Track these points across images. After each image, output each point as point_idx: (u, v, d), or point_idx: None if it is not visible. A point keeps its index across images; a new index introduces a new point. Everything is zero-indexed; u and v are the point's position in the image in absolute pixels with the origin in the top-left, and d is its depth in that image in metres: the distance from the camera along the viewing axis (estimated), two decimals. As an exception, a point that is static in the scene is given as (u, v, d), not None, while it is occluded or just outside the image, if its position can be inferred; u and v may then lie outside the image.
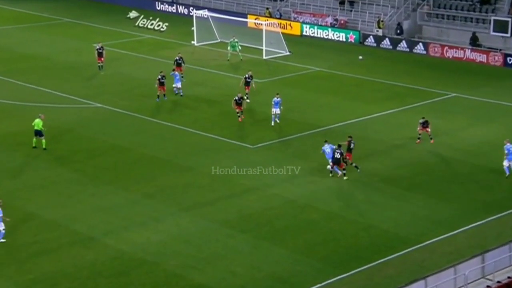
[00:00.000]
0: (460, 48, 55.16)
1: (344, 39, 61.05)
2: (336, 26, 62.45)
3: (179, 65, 48.02)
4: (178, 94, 45.04)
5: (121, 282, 25.20)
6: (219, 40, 59.41)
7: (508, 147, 33.38)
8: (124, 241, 27.90)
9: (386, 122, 41.40)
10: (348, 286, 25.02)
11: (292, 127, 40.09)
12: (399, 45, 58.14)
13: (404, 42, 58.01)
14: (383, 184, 33.06)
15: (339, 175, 33.45)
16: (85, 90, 47.15)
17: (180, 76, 46.39)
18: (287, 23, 63.81)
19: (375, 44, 59.46)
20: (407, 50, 57.69)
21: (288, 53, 56.48)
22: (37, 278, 25.39)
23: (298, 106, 44.03)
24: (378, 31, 60.00)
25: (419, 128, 37.34)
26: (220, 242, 27.88)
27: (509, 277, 23.02)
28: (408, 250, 27.15)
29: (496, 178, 33.37)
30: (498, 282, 22.71)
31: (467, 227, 28.93)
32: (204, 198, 31.61)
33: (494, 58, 53.33)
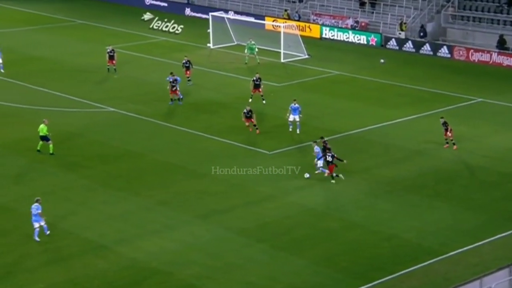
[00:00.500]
0: (486, 51, 54.87)
1: (365, 42, 60.93)
2: (357, 28, 62.35)
3: (187, 68, 48.25)
4: (180, 99, 44.89)
5: (133, 292, 25.28)
6: (235, 43, 59.49)
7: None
8: (137, 249, 27.94)
9: (409, 128, 41.24)
10: (369, 298, 24.94)
11: (310, 133, 39.95)
12: (423, 48, 57.94)
13: (427, 45, 57.81)
14: (405, 192, 32.90)
15: (326, 174, 33.70)
16: (97, 93, 47.35)
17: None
18: (306, 25, 63.78)
19: (397, 47, 59.30)
20: (431, 53, 57.48)
21: (307, 56, 56.45)
22: (48, 287, 25.44)
23: (317, 111, 43.96)
24: (400, 33, 59.82)
25: (445, 132, 37.22)
26: (237, 252, 27.85)
27: (537, 290, 22.82)
28: (432, 261, 26.97)
29: (524, 187, 33.18)
30: (526, 295, 22.54)
31: (493, 238, 28.70)
32: (220, 206, 31.61)
33: (522, 62, 53.10)
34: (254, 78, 44.79)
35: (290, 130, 39.95)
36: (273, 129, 40.78)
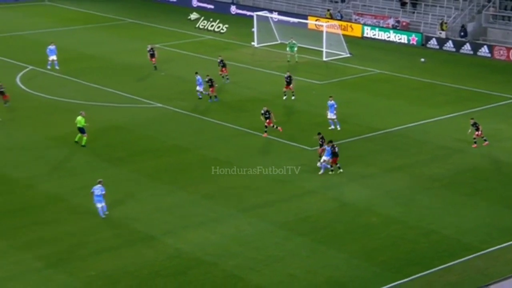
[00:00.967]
0: (526, 51, 54.09)
1: (406, 41, 60.43)
2: (398, 28, 61.87)
3: (223, 66, 48.46)
4: (203, 98, 45.12)
5: (179, 281, 25.50)
6: (279, 42, 59.51)
7: None
8: (183, 240, 28.22)
9: (448, 126, 40.82)
10: (407, 292, 24.81)
11: (351, 130, 39.87)
12: (463, 47, 57.26)
13: (468, 44, 57.12)
14: (444, 189, 32.62)
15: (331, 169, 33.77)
16: (146, 90, 47.82)
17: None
18: (348, 24, 63.50)
19: (438, 47, 58.70)
20: (471, 52, 56.78)
21: (348, 55, 56.21)
22: (98, 275, 25.89)
23: (358, 108, 43.80)
24: (441, 33, 59.19)
25: (474, 131, 36.76)
26: (278, 245, 27.93)
27: None
28: (470, 257, 26.73)
29: (562, 186, 32.63)
30: None
31: (531, 235, 28.36)
32: (263, 200, 31.73)
33: (562, 62, 52.18)
34: (285, 76, 44.79)
35: (331, 128, 39.79)
36: (314, 126, 40.62)
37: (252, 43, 59.92)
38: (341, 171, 33.90)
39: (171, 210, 30.92)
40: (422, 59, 54.90)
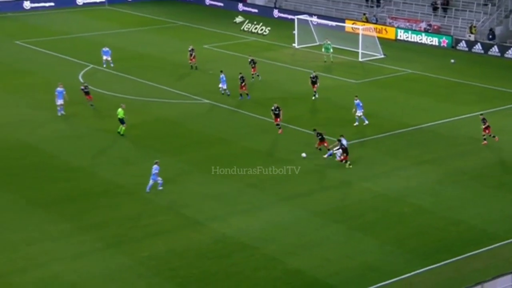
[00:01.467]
0: (551, 53, 52.95)
1: (437, 44, 59.68)
2: (429, 31, 61.12)
3: (254, 65, 48.47)
4: (225, 94, 45.03)
5: (224, 263, 25.63)
6: (318, 43, 59.23)
7: None
8: (227, 226, 28.34)
9: (476, 123, 40.09)
10: (436, 276, 24.54)
11: (384, 126, 39.55)
12: (491, 50, 56.31)
13: (496, 47, 56.15)
14: (472, 182, 32.20)
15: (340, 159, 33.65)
16: (194, 87, 48.02)
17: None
18: (382, 27, 62.93)
19: (467, 49, 57.84)
20: (499, 55, 55.81)
21: (382, 56, 55.73)
22: (151, 255, 26.15)
23: (391, 106, 43.44)
24: (470, 36, 58.30)
25: (483, 129, 36.09)
26: (315, 231, 27.89)
27: None
28: (496, 245, 26.37)
29: None
30: None
31: (555, 226, 27.82)
32: (302, 190, 31.67)
33: None
34: (311, 76, 44.44)
35: (355, 124, 39.39)
36: (347, 123, 40.31)
37: (293, 45, 59.78)
38: (350, 165, 33.48)
39: (217, 197, 31.05)
40: (452, 60, 54.16)
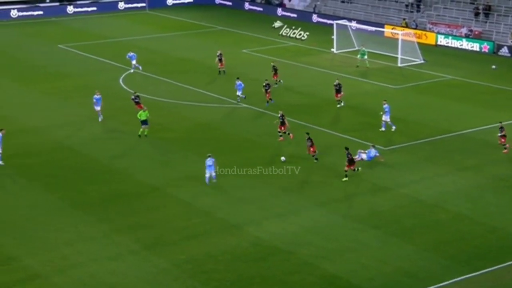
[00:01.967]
0: None
1: (477, 49, 58.87)
2: (470, 36, 60.32)
3: (275, 71, 48.26)
4: (241, 101, 44.66)
5: (258, 267, 25.63)
6: (357, 48, 58.92)
7: None
8: (262, 230, 28.33)
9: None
10: (476, 285, 24.14)
11: (423, 132, 39.15)
12: (533, 55, 55.38)
13: (538, 52, 55.21)
14: (510, 189, 31.62)
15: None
16: (232, 91, 48.11)
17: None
18: (422, 33, 62.32)
19: (509, 55, 56.93)
20: (541, 60, 54.86)
21: (422, 61, 55.18)
22: (188, 258, 26.27)
23: (430, 112, 42.95)
24: (512, 41, 57.42)
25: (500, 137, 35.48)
26: (351, 236, 27.71)
27: None
28: (536, 254, 25.89)
29: None
30: None
31: None
32: (337, 195, 31.53)
33: None
34: (335, 84, 43.80)
35: (382, 129, 38.98)
36: (376, 127, 39.97)
37: (332, 49, 59.58)
38: (346, 179, 32.85)
39: (252, 201, 31.07)
40: (493, 66, 53.36)
